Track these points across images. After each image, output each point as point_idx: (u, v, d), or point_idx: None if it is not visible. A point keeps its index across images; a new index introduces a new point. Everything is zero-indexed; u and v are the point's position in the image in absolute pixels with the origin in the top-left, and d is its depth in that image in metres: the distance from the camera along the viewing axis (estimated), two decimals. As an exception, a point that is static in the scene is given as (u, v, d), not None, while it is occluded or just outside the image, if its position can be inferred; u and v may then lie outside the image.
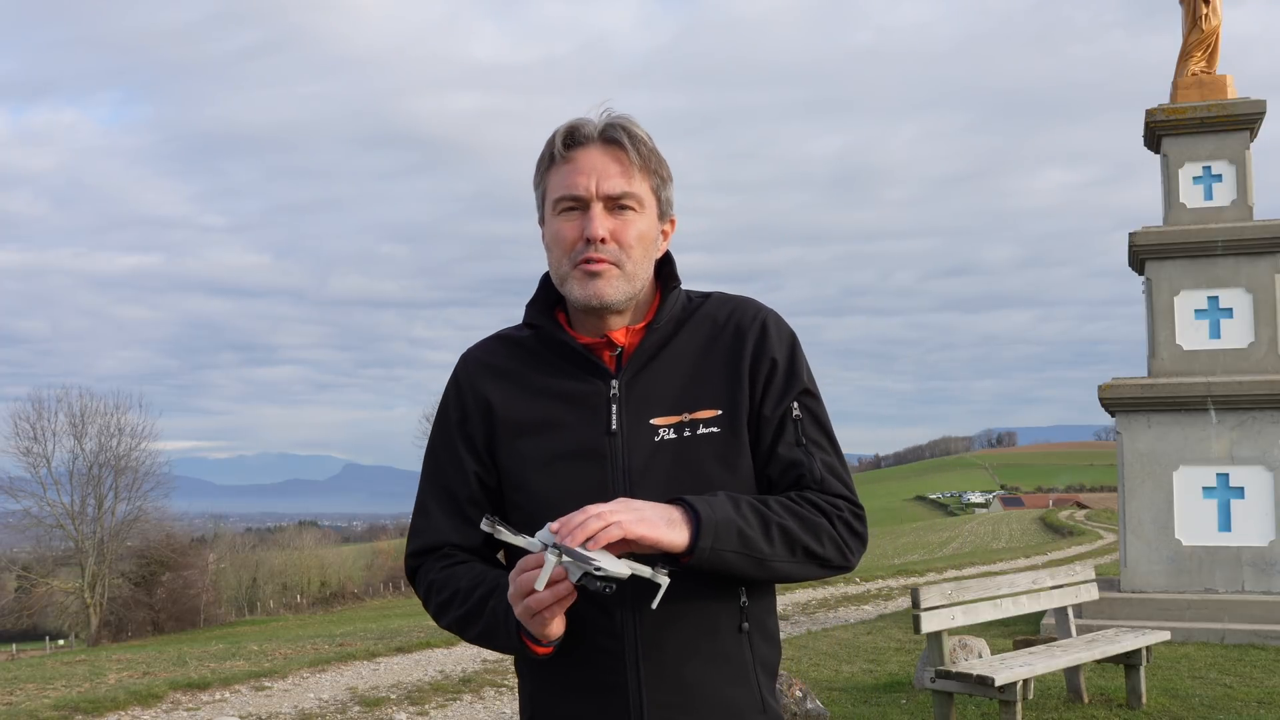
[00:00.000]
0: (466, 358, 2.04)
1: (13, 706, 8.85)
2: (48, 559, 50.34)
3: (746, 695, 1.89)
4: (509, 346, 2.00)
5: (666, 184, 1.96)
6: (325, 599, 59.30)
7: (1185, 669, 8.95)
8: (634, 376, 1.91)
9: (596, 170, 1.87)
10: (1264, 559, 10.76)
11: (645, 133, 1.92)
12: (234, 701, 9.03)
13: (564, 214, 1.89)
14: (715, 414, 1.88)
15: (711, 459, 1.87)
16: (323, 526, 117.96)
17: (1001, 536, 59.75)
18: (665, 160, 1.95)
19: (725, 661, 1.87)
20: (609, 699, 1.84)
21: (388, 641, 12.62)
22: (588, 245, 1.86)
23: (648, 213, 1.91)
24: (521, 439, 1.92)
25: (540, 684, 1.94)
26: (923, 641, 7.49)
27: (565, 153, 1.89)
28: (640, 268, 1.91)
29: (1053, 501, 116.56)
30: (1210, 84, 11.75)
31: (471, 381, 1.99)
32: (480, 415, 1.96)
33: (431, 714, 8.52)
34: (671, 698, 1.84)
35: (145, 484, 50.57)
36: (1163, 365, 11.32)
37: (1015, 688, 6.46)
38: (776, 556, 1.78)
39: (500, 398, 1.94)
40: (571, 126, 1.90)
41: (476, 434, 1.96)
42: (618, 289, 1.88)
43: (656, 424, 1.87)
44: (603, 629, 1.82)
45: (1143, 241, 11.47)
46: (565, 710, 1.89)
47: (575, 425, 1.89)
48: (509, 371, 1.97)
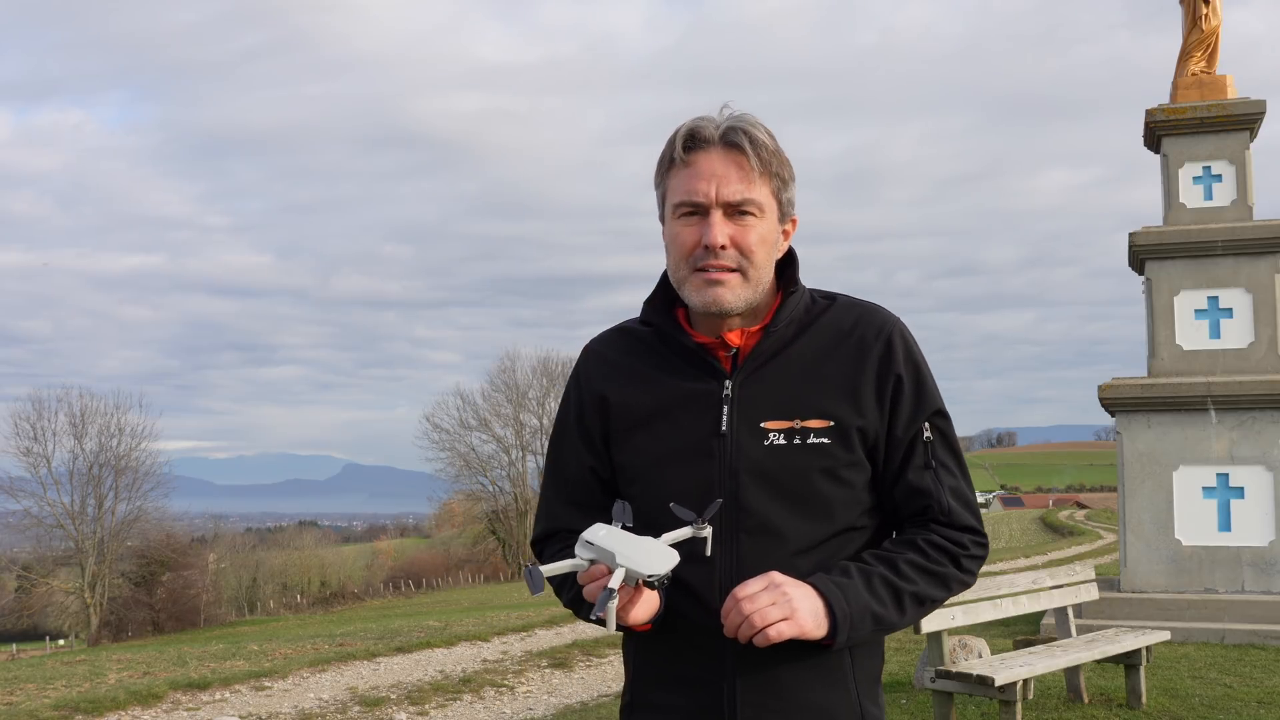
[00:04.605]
0: (587, 351, 2.06)
1: (13, 706, 8.85)
2: (48, 559, 50.38)
3: (842, 701, 1.88)
4: (628, 340, 2.02)
5: (788, 185, 1.93)
6: (325, 599, 59.27)
7: (1185, 669, 8.94)
8: (748, 378, 1.90)
9: (717, 176, 1.85)
10: (1264, 559, 10.75)
11: (768, 133, 1.89)
12: (234, 701, 9.03)
13: (684, 218, 1.88)
14: (827, 425, 1.86)
15: (818, 470, 1.85)
16: (323, 526, 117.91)
17: (1001, 536, 59.75)
18: (788, 160, 1.92)
19: (821, 666, 1.86)
20: (703, 693, 1.86)
21: (388, 641, 12.62)
22: (707, 252, 1.85)
23: (768, 216, 1.90)
24: (635, 434, 1.94)
25: (639, 672, 1.98)
26: (923, 641, 7.49)
27: (685, 156, 1.87)
28: (762, 272, 1.90)
29: (1053, 501, 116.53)
30: (1210, 84, 11.74)
31: (589, 376, 2.02)
32: (595, 410, 1.99)
33: (431, 714, 8.52)
34: (763, 698, 1.85)
35: (145, 484, 50.70)
36: (1163, 365, 11.32)
37: (1015, 688, 6.46)
38: (906, 621, 1.87)
39: (616, 392, 1.96)
40: (692, 128, 1.88)
41: (593, 429, 1.99)
42: (737, 295, 1.87)
43: (767, 427, 1.87)
44: (701, 627, 1.84)
45: (1143, 241, 11.46)
46: (660, 699, 1.92)
47: (686, 423, 1.89)
48: (625, 366, 1.98)
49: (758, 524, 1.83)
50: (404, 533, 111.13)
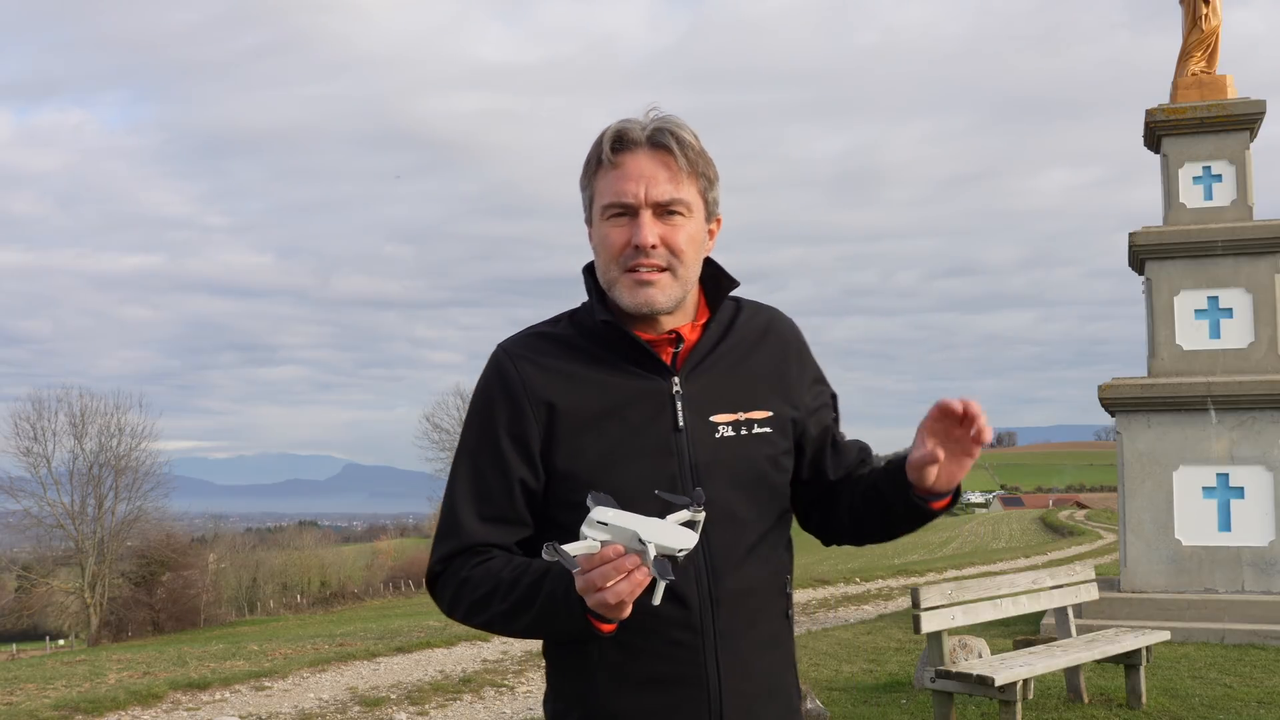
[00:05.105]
0: (515, 357, 1.95)
1: (13, 706, 8.85)
2: (48, 559, 50.34)
3: (793, 677, 2.01)
4: (555, 344, 1.97)
5: (714, 185, 1.96)
6: (325, 599, 59.29)
7: (1185, 669, 8.94)
8: (691, 374, 1.93)
9: (645, 177, 1.87)
10: (1264, 559, 10.75)
11: (693, 134, 1.92)
12: (234, 701, 9.03)
13: (613, 219, 1.89)
14: (768, 415, 1.96)
15: (764, 459, 1.95)
16: (323, 526, 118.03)
17: (1001, 536, 59.71)
18: (712, 160, 1.95)
19: (779, 646, 1.97)
20: (687, 692, 1.85)
21: (388, 641, 12.62)
22: (637, 252, 1.87)
23: (696, 216, 1.92)
24: (582, 437, 1.89)
25: (600, 679, 1.87)
26: (923, 641, 7.49)
27: (613, 157, 1.88)
28: (690, 271, 1.93)
29: (1053, 501, 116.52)
30: (1210, 84, 11.74)
31: (530, 382, 1.91)
32: (537, 416, 1.90)
33: (431, 714, 8.52)
34: (746, 685, 1.88)
35: (145, 484, 50.58)
36: (1163, 365, 11.32)
37: (1015, 688, 6.47)
38: None
39: (563, 397, 1.90)
40: (619, 130, 1.89)
41: (531, 437, 1.91)
42: (668, 294, 1.90)
43: (716, 421, 1.92)
44: (678, 622, 1.83)
45: (1142, 241, 11.46)
46: (634, 705, 1.86)
47: (640, 422, 1.89)
48: (566, 370, 1.93)
49: (722, 514, 1.85)
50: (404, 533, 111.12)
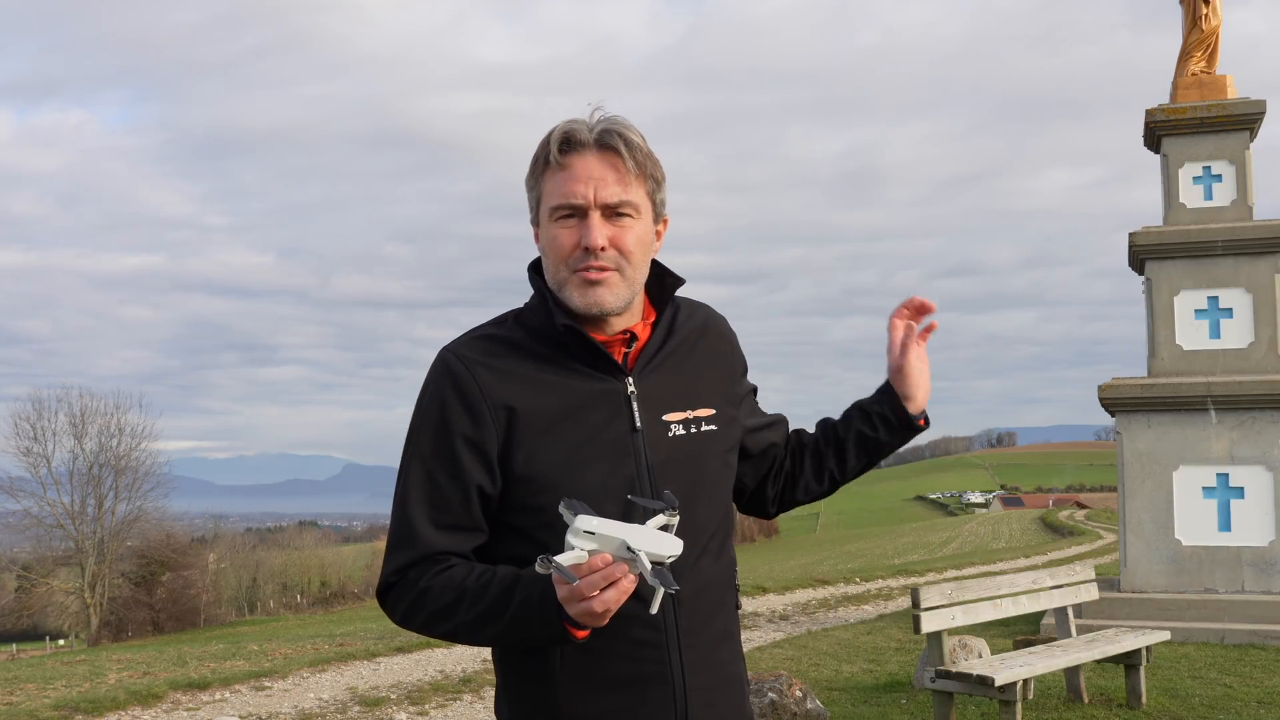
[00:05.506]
0: (466, 360, 1.91)
1: (13, 706, 8.84)
2: (48, 559, 50.30)
3: (743, 666, 2.05)
4: (504, 346, 1.94)
5: (661, 186, 1.96)
6: (325, 599, 59.29)
7: (1185, 669, 8.95)
8: (642, 373, 1.94)
9: (594, 178, 1.86)
10: (1264, 559, 10.75)
11: (640, 135, 1.92)
12: (234, 701, 9.03)
13: (561, 220, 1.89)
14: (712, 413, 2.00)
15: (712, 455, 1.98)
16: (323, 526, 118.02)
17: (1001, 536, 59.70)
18: (659, 161, 1.95)
19: (731, 638, 2.00)
20: (651, 690, 1.86)
21: (388, 641, 12.61)
22: (586, 254, 1.86)
23: (644, 217, 1.93)
24: (540, 440, 1.87)
25: (562, 682, 1.86)
26: (923, 641, 7.49)
27: (561, 159, 1.88)
28: (639, 272, 1.93)
29: (1053, 501, 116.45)
30: (1210, 84, 11.74)
31: (486, 387, 1.88)
32: (496, 420, 1.87)
33: (431, 714, 8.52)
34: (707, 680, 1.91)
35: (145, 484, 50.52)
36: (1163, 365, 11.32)
37: (1015, 688, 6.47)
38: None
39: (522, 400, 1.88)
40: (566, 131, 1.88)
41: (489, 443, 1.87)
42: (617, 295, 1.90)
43: (669, 420, 1.94)
44: (642, 621, 1.81)
45: (1142, 241, 11.46)
46: (600, 706, 1.86)
47: (598, 423, 1.89)
48: (520, 373, 1.90)
49: (681, 513, 1.84)
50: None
